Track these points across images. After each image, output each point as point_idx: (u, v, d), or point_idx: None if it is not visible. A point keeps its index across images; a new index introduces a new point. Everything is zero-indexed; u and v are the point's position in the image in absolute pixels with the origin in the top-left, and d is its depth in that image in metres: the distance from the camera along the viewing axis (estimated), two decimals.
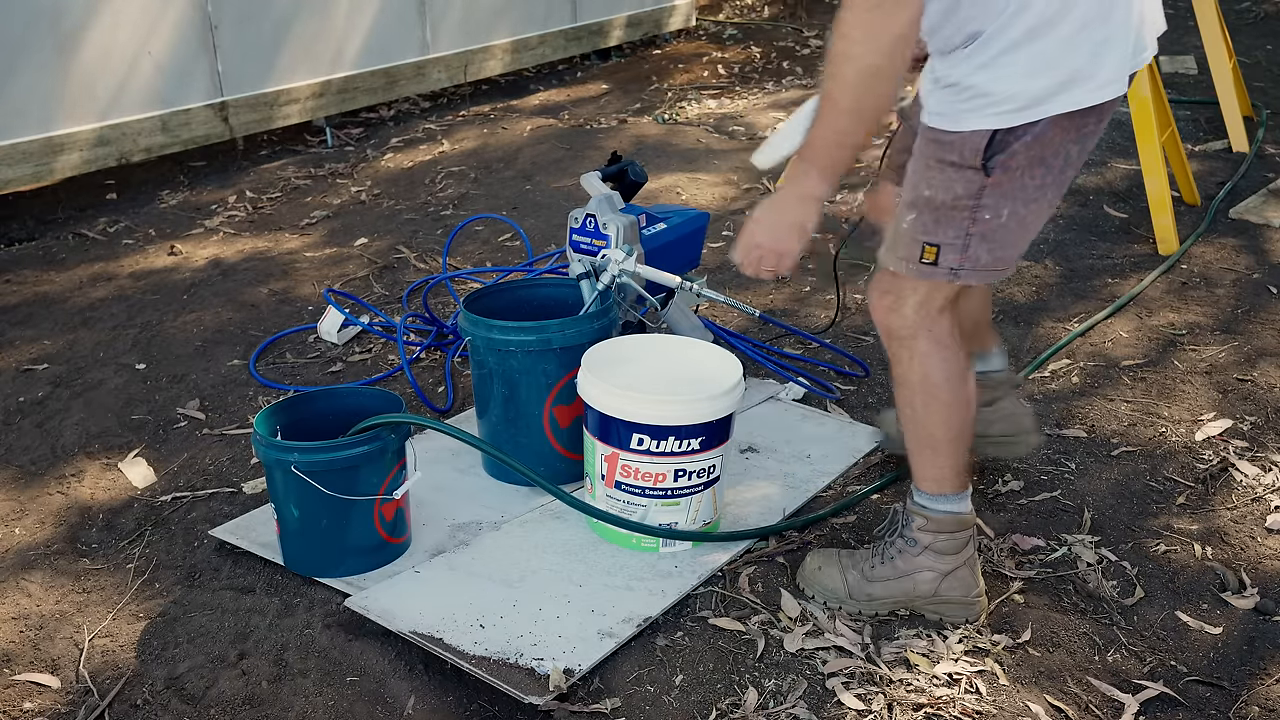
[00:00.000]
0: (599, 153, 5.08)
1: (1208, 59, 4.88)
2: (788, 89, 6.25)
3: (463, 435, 2.36)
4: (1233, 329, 3.35)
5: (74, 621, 2.26)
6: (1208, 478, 2.64)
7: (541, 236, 4.13)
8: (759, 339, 3.31)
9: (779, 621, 2.20)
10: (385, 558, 2.35)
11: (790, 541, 2.43)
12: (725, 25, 8.01)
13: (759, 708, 1.99)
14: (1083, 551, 2.38)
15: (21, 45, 4.18)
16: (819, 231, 1.98)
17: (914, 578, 2.17)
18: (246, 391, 3.14)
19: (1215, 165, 4.74)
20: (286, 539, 2.33)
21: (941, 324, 2.05)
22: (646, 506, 2.35)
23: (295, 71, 5.17)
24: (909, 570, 2.17)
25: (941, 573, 2.16)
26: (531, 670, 2.03)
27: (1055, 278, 3.74)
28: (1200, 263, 3.81)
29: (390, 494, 2.30)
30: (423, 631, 2.13)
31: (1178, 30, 6.63)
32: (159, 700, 2.06)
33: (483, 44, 6.04)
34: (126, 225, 4.45)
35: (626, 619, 2.17)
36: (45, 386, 3.19)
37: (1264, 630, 2.17)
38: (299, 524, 2.29)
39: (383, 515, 2.31)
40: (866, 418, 2.92)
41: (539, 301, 2.75)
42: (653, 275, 2.71)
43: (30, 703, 2.06)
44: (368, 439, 2.25)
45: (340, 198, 4.72)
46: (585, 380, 2.35)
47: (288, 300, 3.72)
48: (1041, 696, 2.02)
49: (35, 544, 2.52)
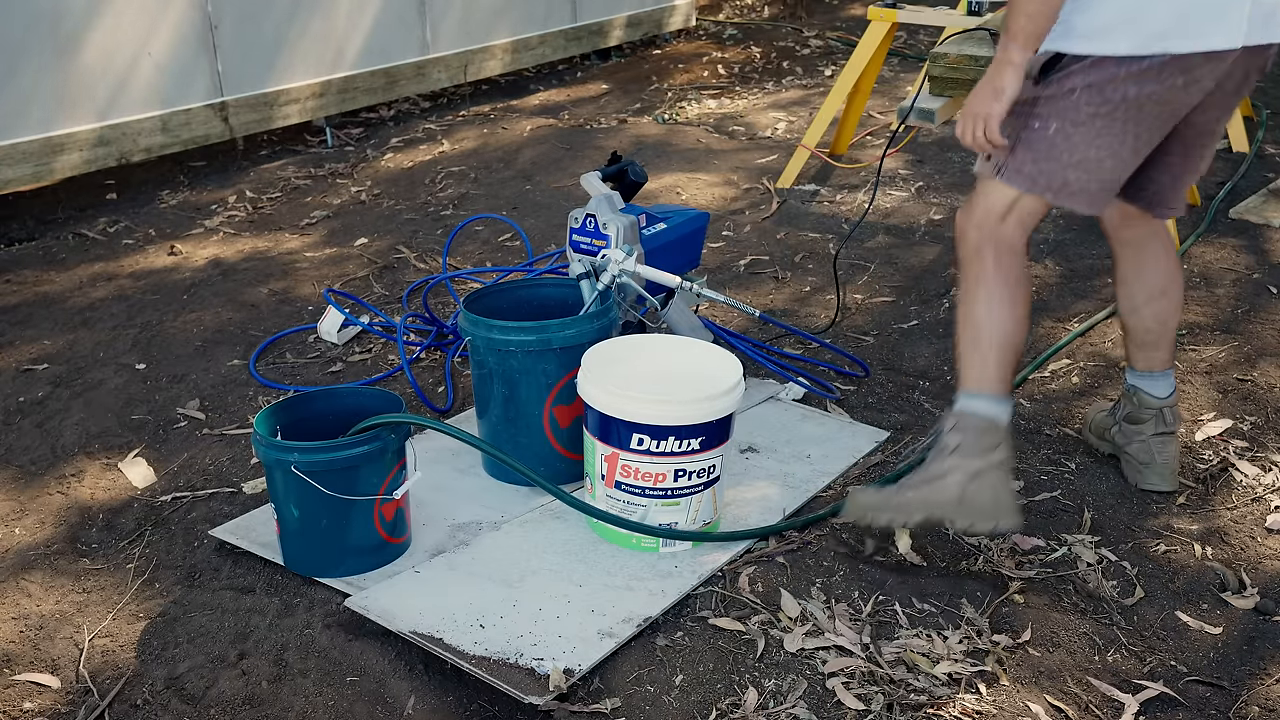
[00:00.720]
0: (599, 153, 5.08)
1: None
2: (788, 89, 6.25)
3: (462, 435, 2.36)
4: (1233, 329, 3.35)
5: (74, 621, 2.26)
6: (1208, 478, 2.64)
7: (541, 236, 4.14)
8: (759, 339, 3.31)
9: (779, 621, 2.20)
10: (385, 558, 2.35)
11: (790, 541, 2.43)
12: (725, 25, 8.01)
13: (759, 708, 1.99)
14: (1083, 551, 2.38)
15: (22, 45, 4.18)
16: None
17: (943, 480, 2.22)
18: (246, 391, 3.14)
19: (1215, 165, 4.73)
20: (286, 539, 2.33)
21: (1003, 232, 2.25)
22: (646, 506, 2.35)
23: (295, 71, 5.17)
24: (938, 474, 2.23)
25: (968, 473, 2.20)
26: (531, 670, 2.03)
27: (1055, 278, 3.74)
28: (1200, 263, 3.81)
29: (390, 494, 2.30)
30: (423, 631, 2.13)
31: None
32: (159, 700, 2.06)
33: (483, 44, 6.04)
34: (126, 225, 4.45)
35: (626, 619, 2.17)
36: (45, 386, 3.19)
37: (1264, 630, 2.18)
38: (299, 524, 2.29)
39: (383, 515, 2.31)
40: (866, 418, 2.92)
41: (539, 301, 2.75)
42: (653, 275, 2.71)
43: (30, 703, 2.06)
44: (367, 439, 2.25)
45: (340, 198, 4.72)
46: (585, 380, 2.35)
47: (288, 300, 3.72)
48: (1041, 696, 2.02)
49: (35, 544, 2.52)
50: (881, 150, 4.44)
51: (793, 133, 5.38)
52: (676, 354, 2.50)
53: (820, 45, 7.28)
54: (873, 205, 4.24)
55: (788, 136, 5.34)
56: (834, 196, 4.54)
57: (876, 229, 4.20)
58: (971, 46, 3.37)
